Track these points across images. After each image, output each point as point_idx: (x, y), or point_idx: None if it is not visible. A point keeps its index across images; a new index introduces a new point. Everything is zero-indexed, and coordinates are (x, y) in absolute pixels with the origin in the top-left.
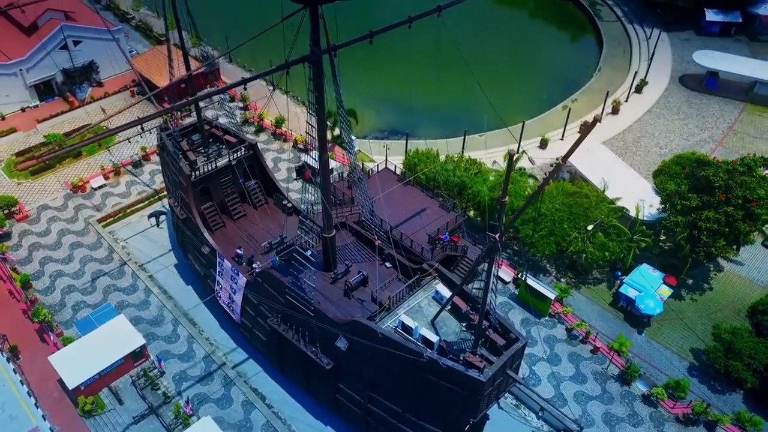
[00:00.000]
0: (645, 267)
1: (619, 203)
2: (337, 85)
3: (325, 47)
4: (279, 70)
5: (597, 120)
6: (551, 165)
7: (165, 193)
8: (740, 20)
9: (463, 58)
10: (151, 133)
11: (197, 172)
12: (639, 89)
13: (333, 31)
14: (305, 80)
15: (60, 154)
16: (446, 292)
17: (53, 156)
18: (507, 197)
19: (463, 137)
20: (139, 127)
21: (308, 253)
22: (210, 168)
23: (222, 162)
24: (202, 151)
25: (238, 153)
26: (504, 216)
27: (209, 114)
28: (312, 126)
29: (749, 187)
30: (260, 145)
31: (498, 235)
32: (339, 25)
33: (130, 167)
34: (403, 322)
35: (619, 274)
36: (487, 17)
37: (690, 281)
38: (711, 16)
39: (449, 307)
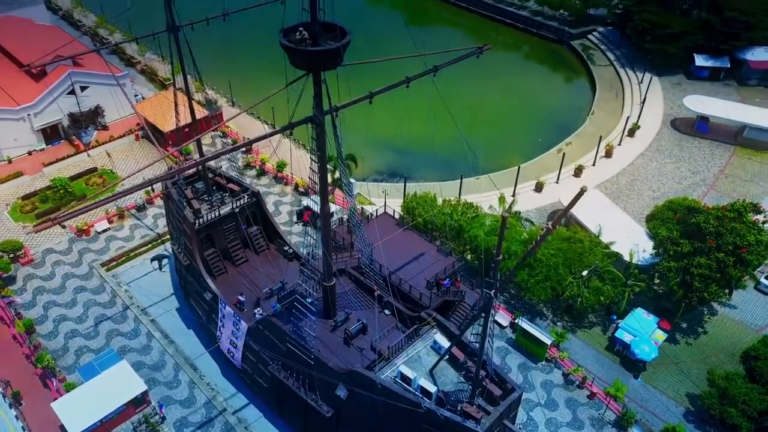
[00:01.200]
0: (639, 311)
1: (613, 248)
2: (339, 144)
3: (327, 108)
4: (284, 131)
5: (583, 190)
6: (543, 228)
7: (167, 236)
8: (729, 65)
9: (449, 112)
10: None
11: (201, 220)
12: (632, 133)
13: (334, 91)
14: (306, 128)
15: (77, 215)
16: (444, 342)
17: (72, 218)
18: (500, 256)
19: (459, 181)
20: (146, 182)
21: (308, 300)
22: (213, 216)
23: (225, 210)
24: (206, 198)
25: (241, 201)
26: (499, 271)
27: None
28: (315, 182)
29: (739, 234)
30: (262, 189)
31: (493, 291)
32: (339, 78)
33: (134, 211)
34: (402, 373)
35: (615, 317)
36: (483, 60)
37: (684, 325)
38: (700, 61)
39: (447, 356)
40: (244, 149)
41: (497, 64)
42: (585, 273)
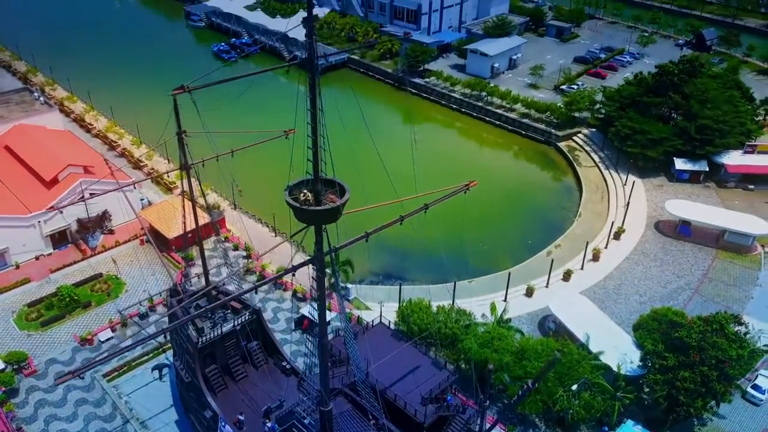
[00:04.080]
0: (630, 423)
1: (601, 358)
2: (337, 279)
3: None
4: (287, 273)
5: (556, 357)
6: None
7: (169, 345)
8: (707, 169)
9: (424, 234)
10: (161, 295)
11: (204, 339)
12: (617, 236)
13: (332, 229)
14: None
15: (97, 365)
16: None
17: (92, 368)
18: (487, 401)
19: (453, 285)
20: (161, 330)
21: (306, 421)
22: (216, 334)
23: (227, 327)
24: (209, 316)
25: (243, 318)
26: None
27: (213, 263)
28: (314, 318)
29: (721, 348)
30: (260, 294)
31: None
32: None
33: (136, 319)
34: None
35: (606, 429)
36: (475, 160)
37: None
38: (680, 164)
39: None
40: (245, 255)
41: (487, 164)
42: (575, 387)
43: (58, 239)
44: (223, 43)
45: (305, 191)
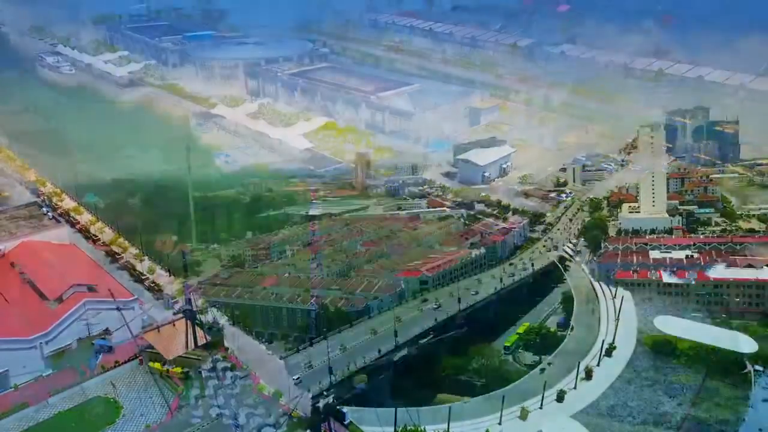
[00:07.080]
0: None
1: None
2: None
3: None
4: None
5: None
6: None
7: None
8: (693, 282)
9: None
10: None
11: None
12: (609, 353)
13: None
14: None
15: None
16: None
17: None
18: None
19: (448, 409)
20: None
21: None
22: None
23: None
24: None
25: None
26: None
27: (211, 384)
28: None
29: None
30: (257, 419)
31: None
32: None
33: None
34: None
35: None
36: None
37: None
38: (666, 278)
39: None
40: (243, 375)
41: None
42: None
43: (58, 358)
44: None
45: None
